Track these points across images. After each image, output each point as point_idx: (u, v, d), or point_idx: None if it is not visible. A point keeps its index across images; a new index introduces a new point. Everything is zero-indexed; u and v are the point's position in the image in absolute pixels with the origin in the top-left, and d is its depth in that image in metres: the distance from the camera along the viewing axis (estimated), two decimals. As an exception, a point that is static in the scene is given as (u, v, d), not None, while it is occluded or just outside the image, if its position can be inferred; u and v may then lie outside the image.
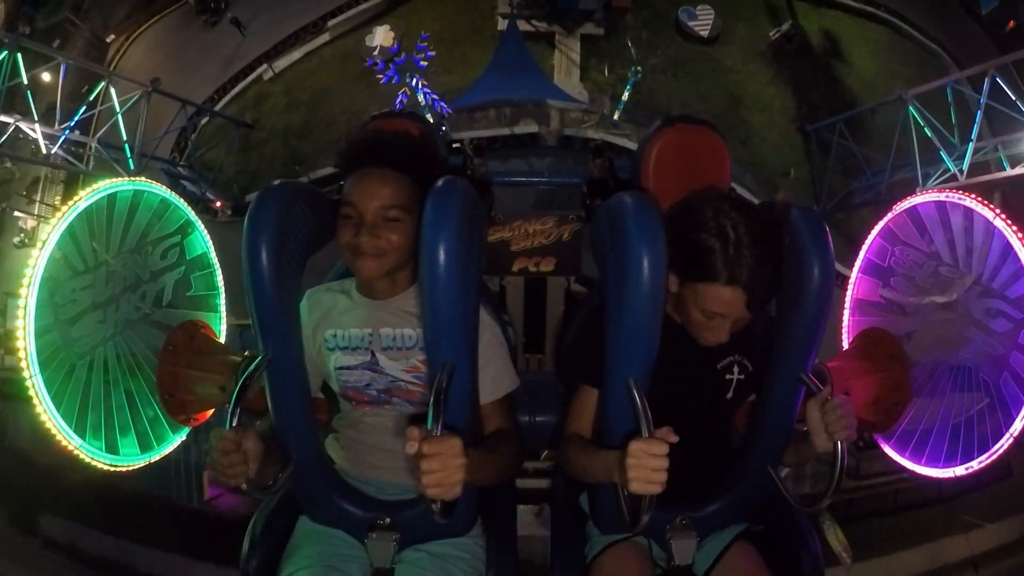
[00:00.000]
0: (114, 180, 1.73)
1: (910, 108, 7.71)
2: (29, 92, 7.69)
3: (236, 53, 10.53)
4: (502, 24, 8.48)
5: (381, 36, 9.78)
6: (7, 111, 7.65)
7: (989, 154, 7.16)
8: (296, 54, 10.37)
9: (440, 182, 1.24)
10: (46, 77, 8.72)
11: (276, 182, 1.34)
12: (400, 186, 1.37)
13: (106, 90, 8.33)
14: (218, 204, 9.79)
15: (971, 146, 7.04)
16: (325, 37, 10.30)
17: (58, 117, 8.00)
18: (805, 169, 9.65)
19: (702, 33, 10.07)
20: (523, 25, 8.72)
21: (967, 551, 4.90)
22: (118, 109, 8.27)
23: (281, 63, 10.42)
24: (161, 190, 1.86)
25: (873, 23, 11.50)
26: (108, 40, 11.72)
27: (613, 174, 2.06)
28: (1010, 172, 6.85)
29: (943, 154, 7.38)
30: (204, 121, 10.37)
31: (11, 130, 7.68)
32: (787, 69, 10.31)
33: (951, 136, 7.44)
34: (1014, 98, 6.96)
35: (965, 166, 7.11)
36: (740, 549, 1.54)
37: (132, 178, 1.79)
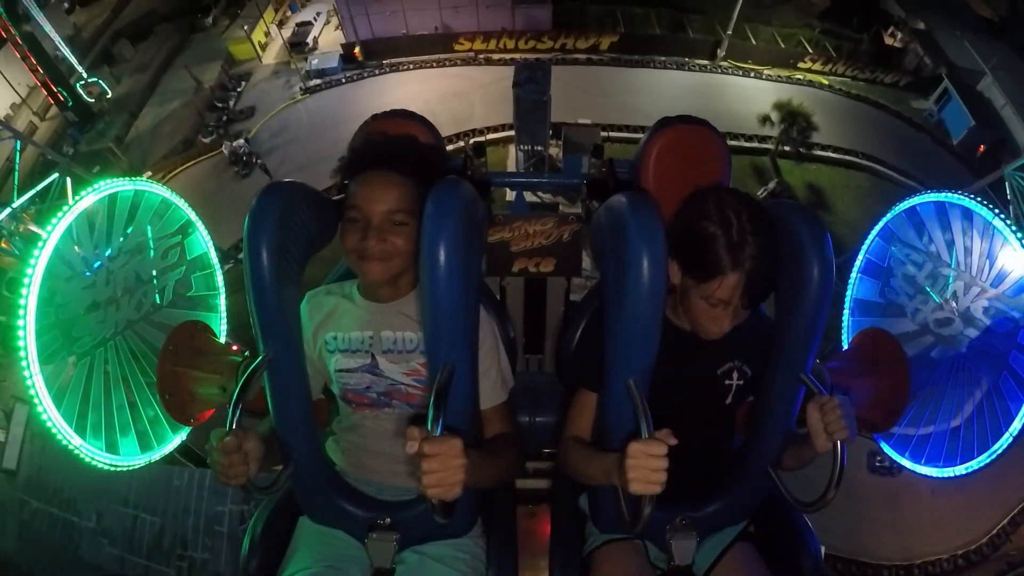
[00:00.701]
0: (114, 180, 1.73)
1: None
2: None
3: None
4: (510, 195, 8.95)
5: None
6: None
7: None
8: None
9: (440, 183, 1.24)
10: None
11: (276, 182, 1.34)
12: (406, 190, 1.37)
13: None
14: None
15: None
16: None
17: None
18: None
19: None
20: (529, 196, 9.15)
21: None
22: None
23: None
24: (162, 190, 1.86)
25: (853, 171, 12.55)
26: (146, 176, 12.74)
27: (613, 174, 2.06)
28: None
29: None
30: (228, 267, 11.04)
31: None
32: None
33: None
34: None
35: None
36: (740, 549, 1.55)
37: (132, 178, 1.79)
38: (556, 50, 11.84)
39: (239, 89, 14.65)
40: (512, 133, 9.31)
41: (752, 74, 13.31)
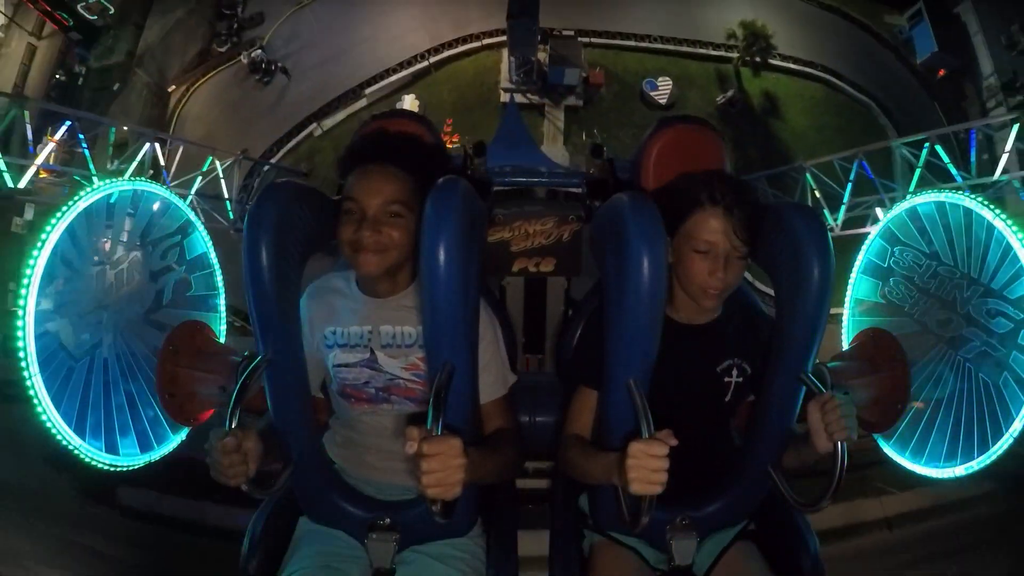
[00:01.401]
0: (114, 180, 1.72)
1: (807, 175, 9.40)
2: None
3: (288, 112, 12.31)
4: (504, 97, 10.60)
5: (408, 103, 11.83)
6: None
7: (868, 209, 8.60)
8: (340, 115, 12.35)
9: (440, 182, 1.24)
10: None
11: (276, 182, 1.34)
12: (402, 183, 1.37)
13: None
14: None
15: (843, 207, 8.76)
16: (363, 102, 12.33)
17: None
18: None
19: (661, 101, 12.12)
20: (519, 98, 10.64)
21: (881, 512, 5.32)
22: (221, 174, 9.67)
23: (328, 122, 12.38)
24: (161, 190, 1.86)
25: (810, 81, 13.11)
26: (169, 90, 13.16)
27: (613, 174, 2.06)
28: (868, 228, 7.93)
29: (825, 211, 9.00)
30: (265, 169, 11.68)
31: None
32: (730, 129, 11.86)
33: (843, 196, 8.95)
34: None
35: (840, 221, 8.81)
36: (740, 548, 1.55)
37: (132, 178, 1.78)
38: None
39: None
40: (504, 39, 11.02)
41: None
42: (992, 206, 1.63)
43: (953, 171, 7.61)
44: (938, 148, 7.54)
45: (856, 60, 13.49)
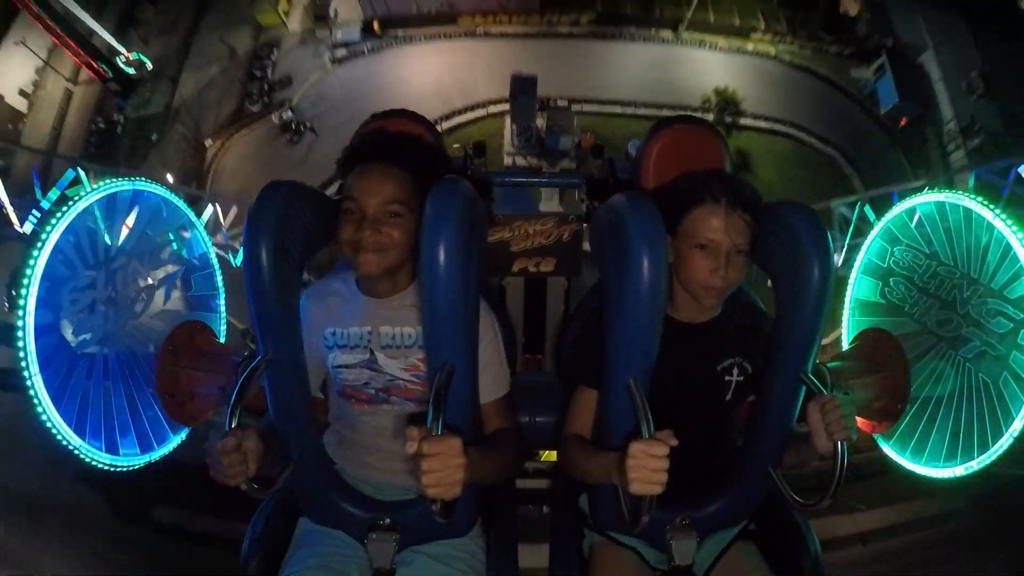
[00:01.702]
0: (114, 180, 1.72)
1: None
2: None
3: (317, 168, 13.12)
4: (507, 160, 11.97)
5: None
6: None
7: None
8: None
9: (441, 181, 1.24)
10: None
11: (276, 181, 1.34)
12: (402, 182, 1.37)
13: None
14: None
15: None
16: None
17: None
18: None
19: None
20: (520, 160, 12.25)
21: (854, 528, 5.60)
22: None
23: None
24: (161, 190, 1.86)
25: (779, 137, 14.30)
26: (207, 144, 14.24)
27: (613, 174, 2.06)
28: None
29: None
30: None
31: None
32: None
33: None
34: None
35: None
36: (740, 548, 1.54)
37: (132, 178, 1.78)
38: (543, 25, 14.11)
39: (272, 57, 15.67)
40: (507, 105, 12.65)
41: (708, 46, 15.17)
42: (992, 206, 1.63)
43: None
44: (867, 208, 7.75)
45: (823, 114, 14.74)
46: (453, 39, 14.83)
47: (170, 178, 8.96)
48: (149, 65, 15.38)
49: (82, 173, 6.67)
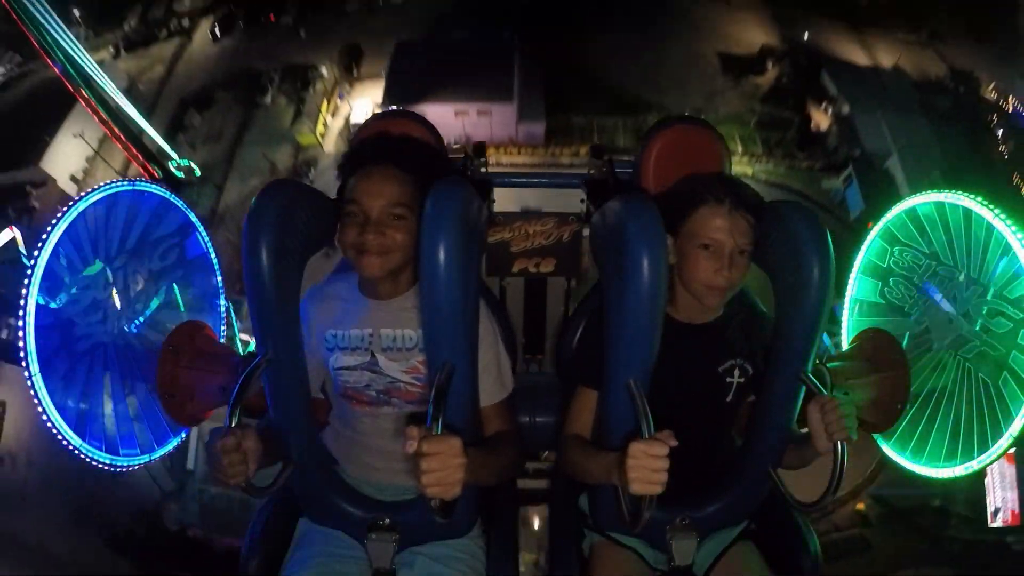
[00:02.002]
0: (114, 180, 1.73)
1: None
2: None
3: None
4: None
5: None
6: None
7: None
8: None
9: (441, 182, 1.24)
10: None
11: (276, 180, 1.34)
12: (404, 184, 1.37)
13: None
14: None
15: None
16: None
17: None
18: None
19: None
20: None
21: None
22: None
23: None
24: (161, 191, 1.86)
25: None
26: None
27: (613, 174, 2.06)
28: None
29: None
30: None
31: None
32: None
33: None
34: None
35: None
36: (740, 549, 1.55)
37: (132, 179, 1.79)
38: (547, 156, 15.43)
39: (311, 175, 17.03)
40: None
41: None
42: (992, 207, 1.62)
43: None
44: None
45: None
46: (473, 169, 16.98)
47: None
48: (198, 172, 16.78)
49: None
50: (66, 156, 16.59)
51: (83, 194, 1.63)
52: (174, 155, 16.84)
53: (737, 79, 18.37)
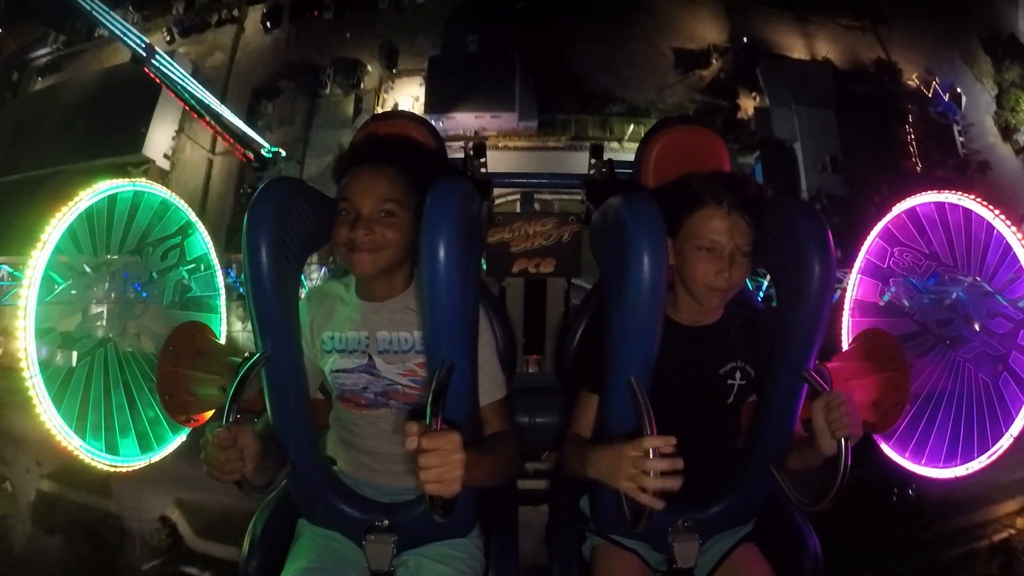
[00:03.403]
0: (115, 181, 1.73)
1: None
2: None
3: None
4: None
5: None
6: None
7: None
8: None
9: (441, 179, 1.24)
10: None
11: (276, 179, 1.34)
12: (395, 182, 1.38)
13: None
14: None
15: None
16: None
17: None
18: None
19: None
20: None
21: None
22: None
23: None
24: (161, 191, 1.86)
25: None
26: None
27: (613, 176, 2.06)
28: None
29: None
30: None
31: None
32: None
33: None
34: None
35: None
36: (745, 552, 1.53)
37: (133, 179, 1.79)
38: (539, 141, 20.96)
39: None
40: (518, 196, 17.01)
41: None
42: (992, 207, 1.63)
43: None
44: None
45: None
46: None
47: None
48: (283, 153, 20.51)
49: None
50: (158, 138, 20.17)
51: (83, 194, 1.63)
52: (264, 143, 20.26)
53: (686, 72, 21.52)
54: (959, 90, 20.12)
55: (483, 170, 2.15)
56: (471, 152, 2.14)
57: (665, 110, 20.33)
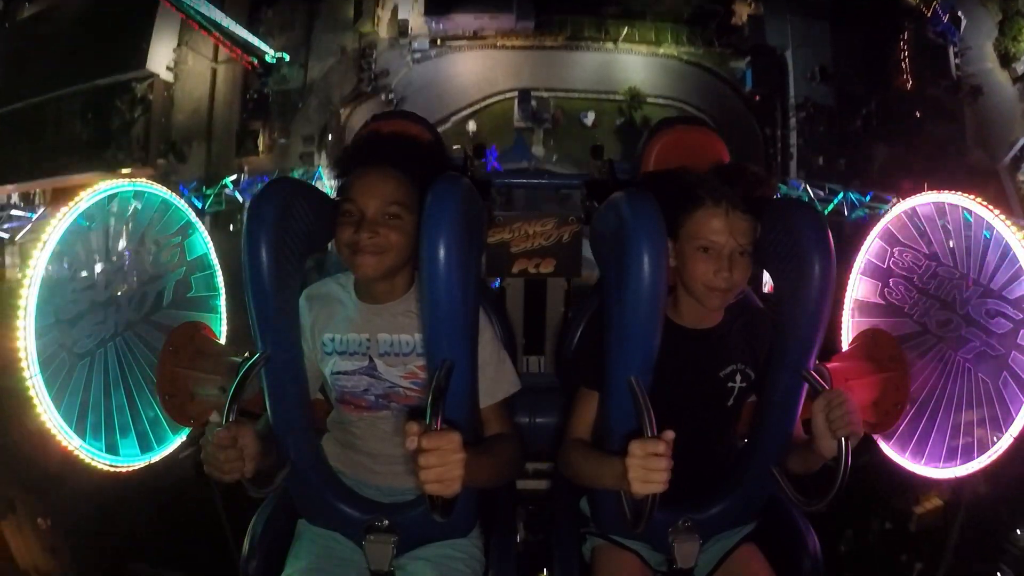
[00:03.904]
0: (115, 181, 1.72)
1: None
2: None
3: None
4: (516, 123, 21.45)
5: (471, 125, 21.48)
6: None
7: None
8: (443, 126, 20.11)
9: (441, 178, 1.24)
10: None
11: (276, 179, 1.34)
12: (400, 184, 1.38)
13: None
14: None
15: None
16: (450, 123, 20.98)
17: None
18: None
19: (587, 124, 21.86)
20: (520, 124, 21.40)
21: None
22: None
23: None
24: (162, 191, 1.86)
25: (670, 109, 20.99)
26: (341, 111, 21.17)
27: (613, 175, 2.07)
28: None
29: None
30: None
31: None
32: (622, 140, 20.96)
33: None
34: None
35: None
36: (745, 552, 1.53)
37: (133, 179, 1.79)
38: (535, 40, 22.80)
39: (373, 55, 22.38)
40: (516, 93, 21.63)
41: (633, 53, 22.91)
42: (991, 207, 1.63)
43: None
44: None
45: (703, 94, 21.91)
46: (483, 49, 22.96)
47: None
48: (287, 57, 21.50)
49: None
50: (160, 54, 20.53)
51: (83, 194, 1.63)
52: (269, 50, 21.30)
53: (683, -23, 23.13)
54: (959, 13, 20.03)
55: (483, 171, 2.15)
56: (471, 153, 2.15)
57: (660, 13, 22.32)
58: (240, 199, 17.15)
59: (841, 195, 16.59)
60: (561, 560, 1.62)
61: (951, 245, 1.75)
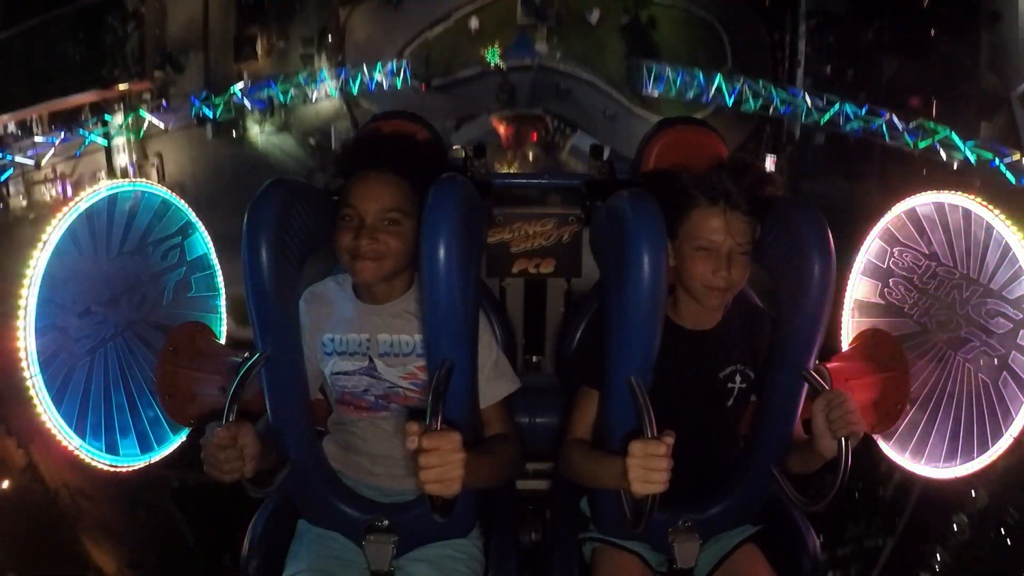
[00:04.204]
0: (116, 181, 1.73)
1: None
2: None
3: (416, 21, 19.66)
4: (520, 20, 19.92)
5: (474, 22, 19.86)
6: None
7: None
8: (439, 28, 19.80)
9: (440, 179, 1.24)
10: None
11: (276, 179, 1.34)
12: (400, 189, 1.38)
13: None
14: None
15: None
16: (450, 21, 19.84)
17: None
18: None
19: (592, 22, 20.10)
20: (523, 20, 19.65)
21: None
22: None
23: (438, 28, 19.72)
24: (162, 191, 1.86)
25: (677, 11, 20.37)
26: (340, 10, 19.90)
27: (613, 175, 2.07)
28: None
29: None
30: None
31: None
32: (626, 39, 20.05)
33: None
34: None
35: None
36: (745, 552, 1.53)
37: (134, 179, 1.79)
38: None
39: None
40: None
41: None
42: (991, 207, 1.63)
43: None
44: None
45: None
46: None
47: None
48: None
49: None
50: None
51: (83, 194, 1.63)
52: None
53: None
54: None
55: (483, 171, 2.15)
56: (471, 153, 2.15)
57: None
58: (248, 105, 17.00)
59: (837, 106, 16.03)
60: (561, 560, 1.62)
61: (951, 245, 1.75)
